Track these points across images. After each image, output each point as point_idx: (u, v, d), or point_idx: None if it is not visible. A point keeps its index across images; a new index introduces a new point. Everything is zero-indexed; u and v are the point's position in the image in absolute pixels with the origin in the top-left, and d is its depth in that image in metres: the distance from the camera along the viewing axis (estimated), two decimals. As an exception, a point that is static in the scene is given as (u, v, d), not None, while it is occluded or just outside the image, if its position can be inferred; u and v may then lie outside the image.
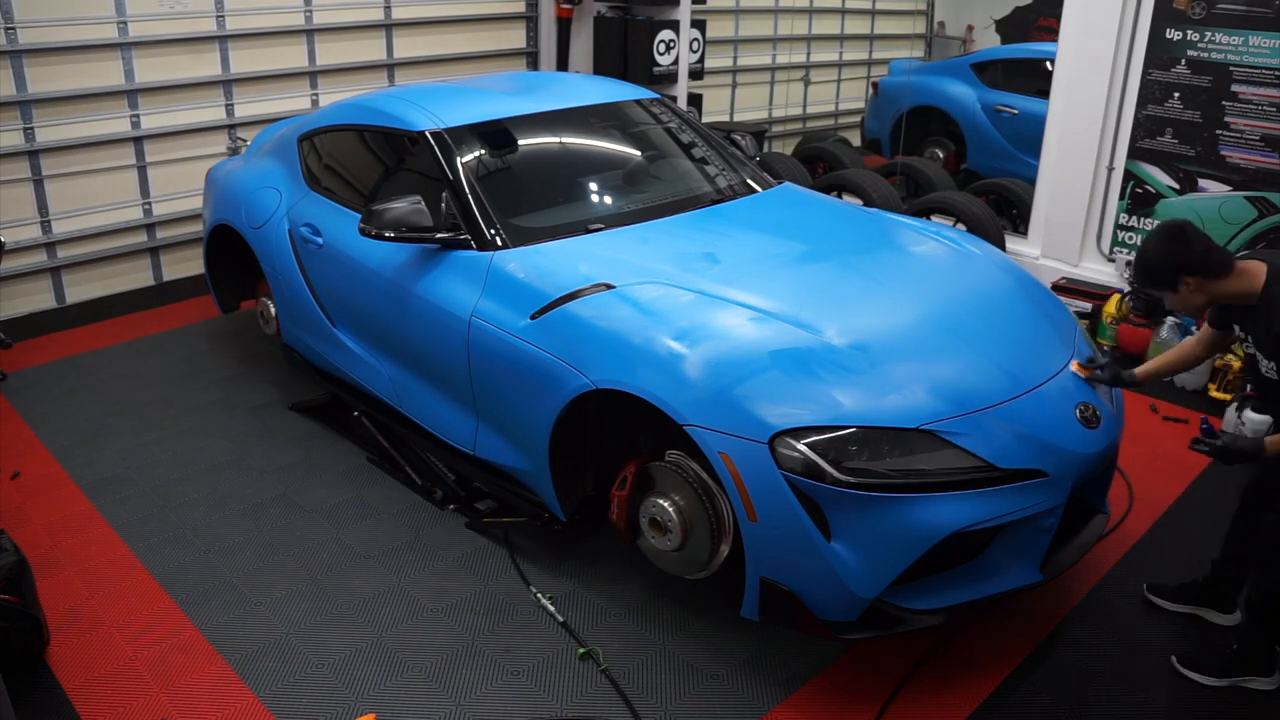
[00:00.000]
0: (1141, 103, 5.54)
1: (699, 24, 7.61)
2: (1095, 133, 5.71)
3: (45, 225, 5.86)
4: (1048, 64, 6.11)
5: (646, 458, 3.24)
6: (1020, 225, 6.55)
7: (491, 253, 3.64)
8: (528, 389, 3.34)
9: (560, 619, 3.30)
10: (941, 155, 8.21)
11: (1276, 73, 5.05)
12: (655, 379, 2.98)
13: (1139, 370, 3.25)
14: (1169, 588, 3.41)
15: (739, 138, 4.83)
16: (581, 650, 3.17)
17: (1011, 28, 8.72)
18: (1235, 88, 5.20)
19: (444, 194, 3.81)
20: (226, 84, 6.37)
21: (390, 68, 7.13)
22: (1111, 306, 5.49)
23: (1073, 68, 5.73)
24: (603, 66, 7.43)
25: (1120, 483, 4.10)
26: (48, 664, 3.11)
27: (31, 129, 5.66)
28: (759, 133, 8.34)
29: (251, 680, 3.05)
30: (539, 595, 3.41)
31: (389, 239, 3.66)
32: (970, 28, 9.16)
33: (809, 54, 9.83)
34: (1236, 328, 2.99)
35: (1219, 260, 2.81)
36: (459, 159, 3.91)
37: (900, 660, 3.15)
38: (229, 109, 6.42)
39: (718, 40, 8.71)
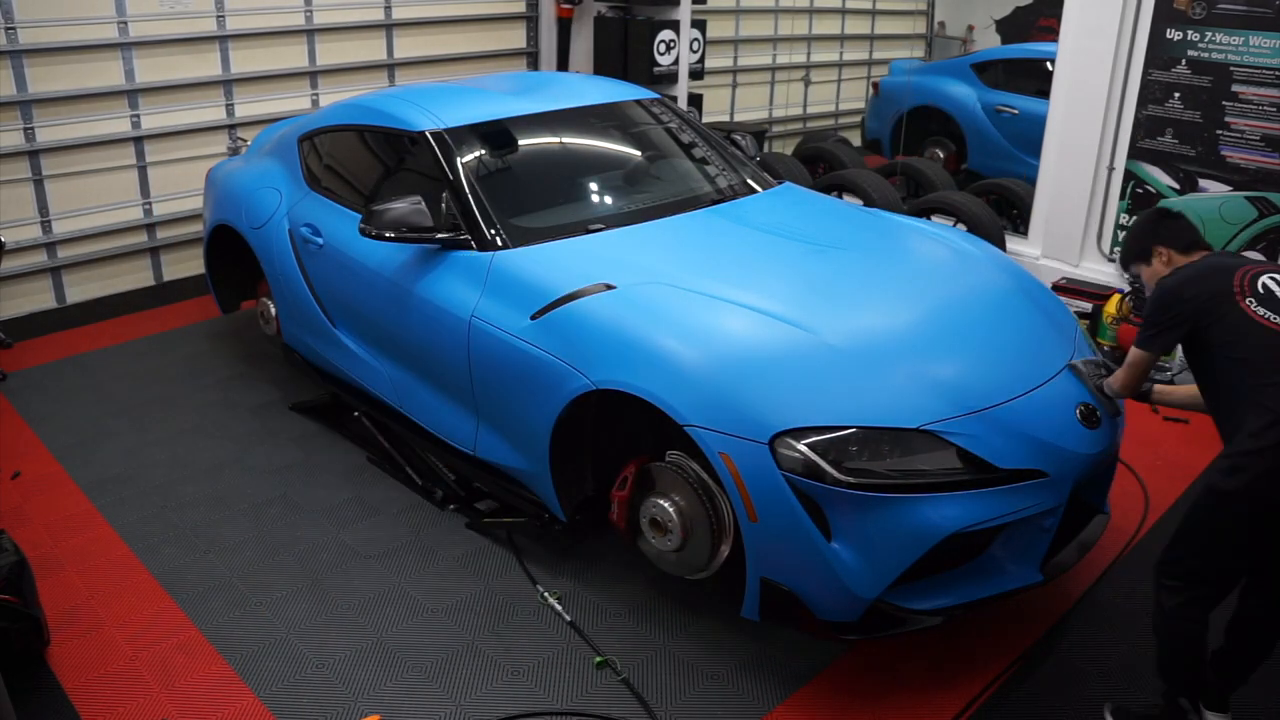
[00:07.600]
0: (1142, 103, 5.54)
1: (699, 24, 7.61)
2: (1095, 133, 5.71)
3: (45, 225, 5.86)
4: (1048, 64, 6.11)
5: (647, 458, 3.24)
6: (1020, 225, 6.55)
7: (492, 253, 3.64)
8: (528, 389, 3.34)
9: (568, 618, 3.30)
10: (942, 155, 8.21)
11: (1276, 73, 5.05)
12: (655, 379, 2.98)
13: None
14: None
15: (739, 138, 4.83)
16: (599, 659, 3.15)
17: (1011, 28, 8.72)
18: (1235, 88, 5.20)
19: (444, 194, 3.80)
20: (226, 84, 6.37)
21: (390, 68, 7.13)
22: (1112, 306, 5.48)
23: (1073, 68, 5.73)
24: (603, 66, 7.43)
25: (1134, 485, 4.11)
26: (48, 664, 3.11)
27: (31, 129, 5.66)
28: (759, 133, 8.34)
29: (251, 680, 3.05)
30: (545, 594, 3.41)
31: (389, 239, 3.66)
32: (970, 28, 9.16)
33: (809, 54, 9.83)
34: None
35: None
36: (459, 159, 3.91)
37: (900, 660, 3.15)
38: (229, 109, 6.42)
39: (718, 40, 8.71)
